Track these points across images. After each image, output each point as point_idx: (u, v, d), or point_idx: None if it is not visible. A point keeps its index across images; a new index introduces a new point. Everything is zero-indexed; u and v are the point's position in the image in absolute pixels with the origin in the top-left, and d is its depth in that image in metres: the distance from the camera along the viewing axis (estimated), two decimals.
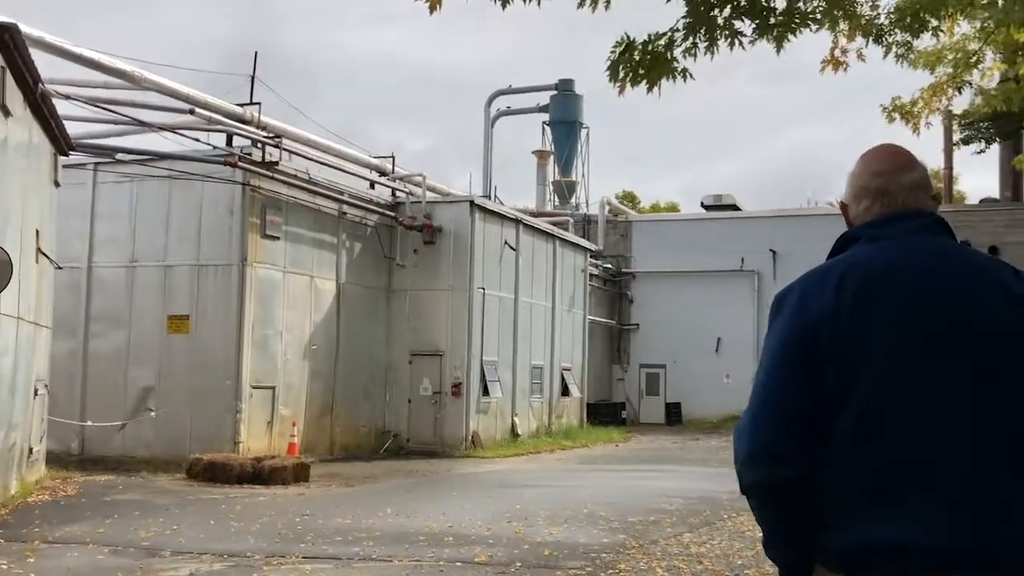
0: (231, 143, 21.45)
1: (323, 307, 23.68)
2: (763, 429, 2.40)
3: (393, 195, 26.93)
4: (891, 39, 7.92)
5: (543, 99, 47.19)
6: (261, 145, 21.39)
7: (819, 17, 6.74)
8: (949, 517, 2.25)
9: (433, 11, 6.94)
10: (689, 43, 6.69)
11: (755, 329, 39.17)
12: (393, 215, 26.13)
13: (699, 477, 19.81)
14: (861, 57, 8.38)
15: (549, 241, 31.57)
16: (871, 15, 7.75)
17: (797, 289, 2.50)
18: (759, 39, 6.72)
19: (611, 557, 10.50)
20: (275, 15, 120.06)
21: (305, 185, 22.77)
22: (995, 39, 8.82)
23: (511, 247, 28.41)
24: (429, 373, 25.80)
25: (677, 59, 6.76)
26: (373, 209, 25.66)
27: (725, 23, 6.61)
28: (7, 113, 13.60)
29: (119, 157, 21.14)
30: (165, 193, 21.25)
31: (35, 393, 16.41)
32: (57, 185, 17.90)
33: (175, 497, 15.54)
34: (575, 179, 48.30)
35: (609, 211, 42.80)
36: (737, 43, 6.66)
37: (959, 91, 9.98)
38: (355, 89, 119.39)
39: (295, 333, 22.51)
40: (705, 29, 6.56)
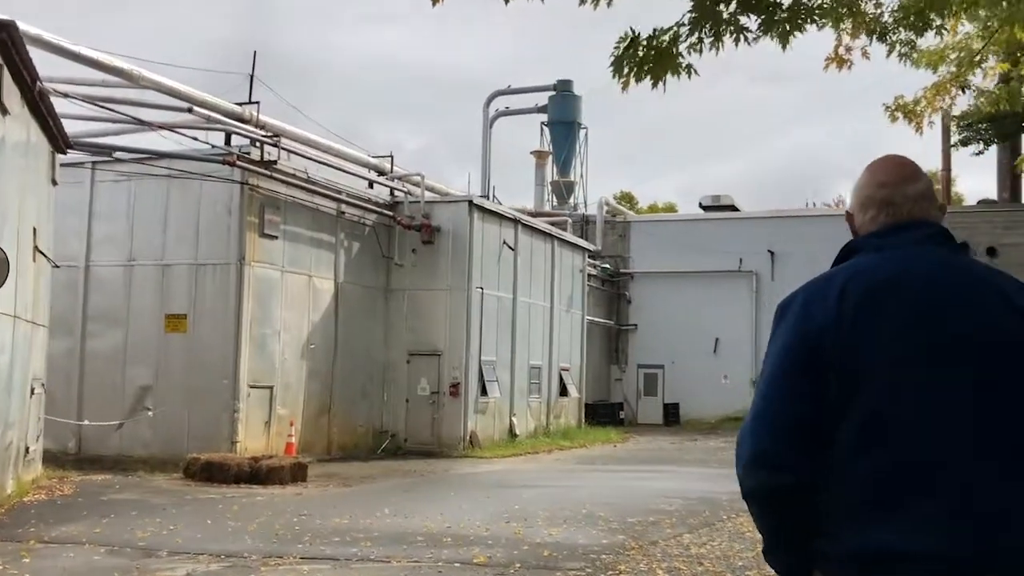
0: (229, 142, 21.41)
1: (321, 306, 23.64)
2: (764, 436, 2.42)
3: (391, 195, 26.91)
4: (895, 37, 7.90)
5: (542, 99, 47.15)
6: (260, 144, 21.36)
7: (826, 8, 6.69)
8: (950, 525, 2.26)
9: (436, 3, 6.89)
10: (694, 38, 6.65)
11: (753, 330, 39.18)
12: (391, 215, 26.10)
13: (698, 478, 19.78)
14: (865, 55, 8.34)
15: (547, 241, 31.54)
16: (875, 12, 7.72)
17: (800, 297, 2.51)
18: (764, 35, 6.68)
19: (611, 558, 10.46)
20: (274, 15, 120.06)
21: (303, 184, 22.73)
22: (999, 38, 8.79)
23: (509, 247, 28.38)
24: (427, 373, 25.76)
25: (682, 55, 6.71)
26: (371, 208, 25.63)
27: (731, 18, 6.57)
28: (4, 111, 13.54)
29: (117, 156, 21.08)
30: (163, 192, 21.21)
31: (32, 392, 16.37)
32: (55, 183, 17.85)
33: (172, 497, 15.49)
34: (573, 179, 48.27)
35: (607, 211, 42.80)
36: (742, 39, 6.62)
37: (962, 90, 9.94)
38: (354, 89, 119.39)
39: (293, 333, 22.46)
40: (711, 24, 6.52)
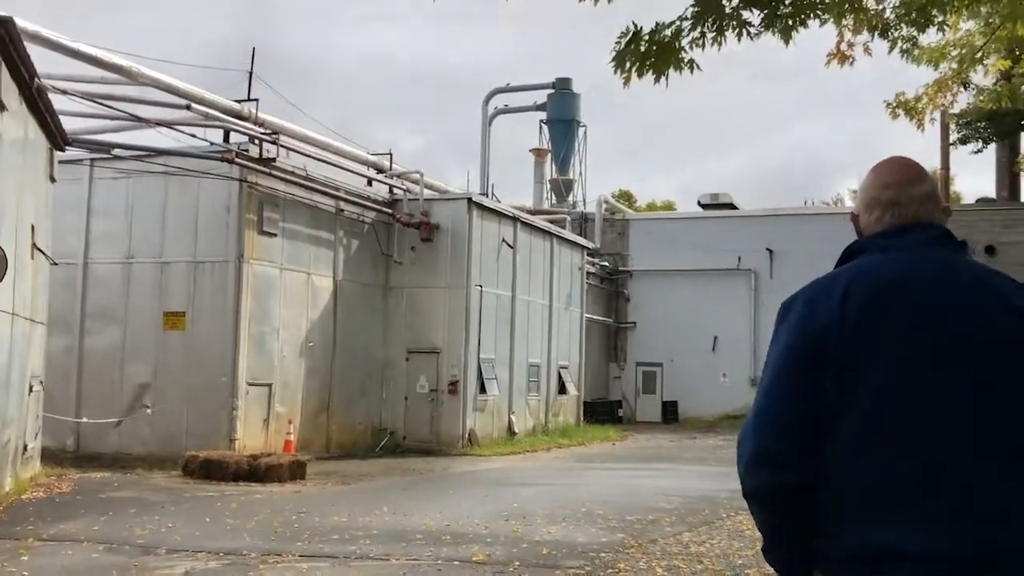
0: (228, 139, 21.39)
1: (320, 304, 23.61)
2: (766, 435, 2.42)
3: (391, 192, 26.89)
4: (896, 34, 7.87)
5: (540, 97, 47.13)
6: (258, 141, 21.32)
7: (828, 3, 6.67)
8: (950, 525, 2.27)
9: None
10: (697, 33, 6.61)
11: (751, 328, 39.18)
12: (391, 212, 26.06)
13: (697, 476, 19.77)
14: (867, 51, 8.31)
15: (546, 239, 31.51)
16: (877, 8, 7.70)
17: (804, 296, 2.52)
18: (766, 31, 6.65)
19: (610, 556, 10.44)
20: (273, 14, 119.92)
21: (302, 182, 22.70)
22: (1000, 35, 8.76)
23: (508, 245, 28.34)
24: (426, 371, 25.74)
25: (684, 49, 6.68)
26: (370, 206, 25.59)
27: (733, 12, 6.54)
28: (2, 108, 13.50)
29: (116, 153, 21.03)
30: (162, 189, 21.18)
31: (30, 389, 16.34)
32: (53, 180, 17.82)
33: (171, 494, 15.46)
34: (572, 177, 48.25)
35: (606, 209, 42.78)
36: (745, 34, 6.59)
37: (964, 87, 9.92)
38: (353, 88, 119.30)
39: (292, 330, 22.43)
40: (713, 18, 6.48)
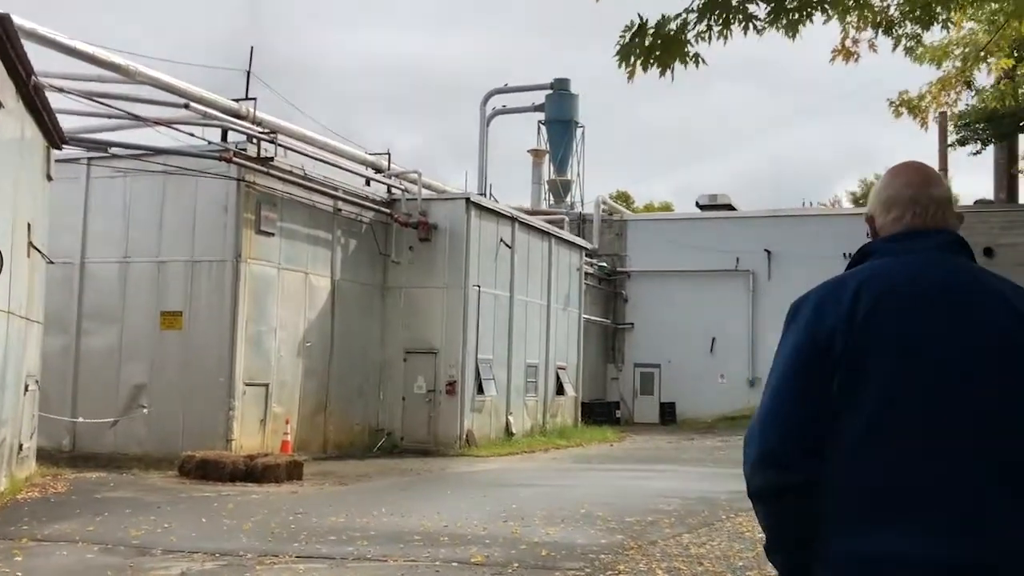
0: (226, 138, 21.30)
1: (318, 304, 23.53)
2: (772, 435, 2.42)
3: (389, 192, 26.83)
4: (901, 31, 7.82)
5: (539, 98, 47.14)
6: (256, 141, 21.25)
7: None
8: (948, 530, 2.26)
9: None
10: (703, 26, 6.55)
11: (749, 329, 39.17)
12: (389, 212, 26.00)
13: (696, 477, 19.72)
14: (873, 48, 8.25)
15: (544, 239, 31.46)
16: (882, 5, 7.64)
17: (813, 297, 2.50)
18: (772, 26, 6.59)
19: (610, 558, 10.37)
20: (272, 14, 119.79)
21: (300, 181, 22.63)
22: (1005, 33, 8.70)
23: (507, 245, 28.29)
24: (424, 371, 25.67)
25: (691, 42, 6.61)
26: (368, 206, 25.53)
27: (740, 5, 6.47)
28: None
29: (113, 152, 20.95)
30: (159, 188, 21.10)
31: (26, 389, 16.26)
32: (50, 179, 17.73)
33: (167, 495, 15.39)
34: (570, 178, 48.24)
35: (604, 210, 42.76)
36: (751, 27, 6.53)
37: (968, 85, 9.87)
38: (351, 88, 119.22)
39: (289, 330, 22.36)
40: (720, 11, 6.42)
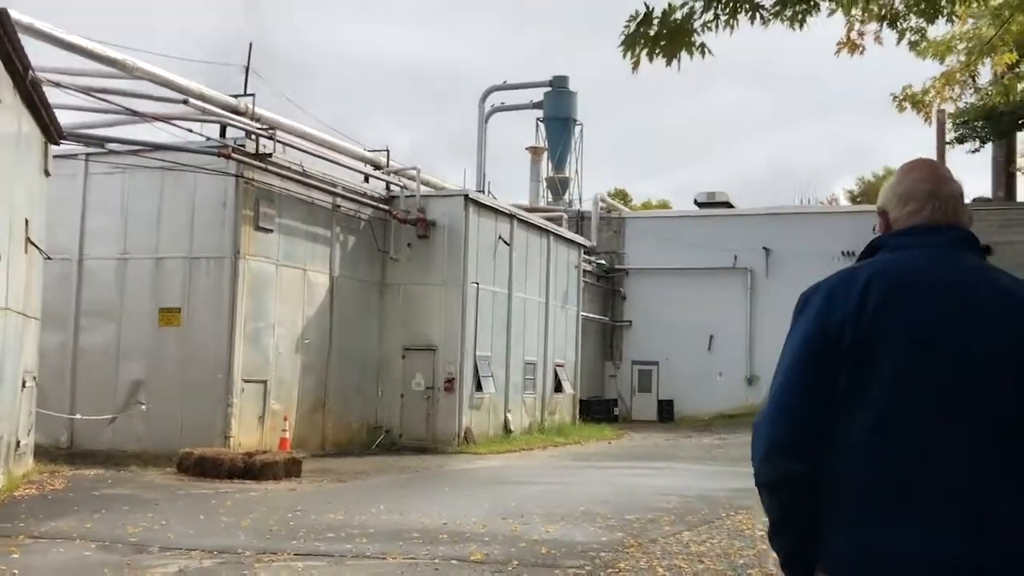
0: (225, 134, 21.25)
1: (316, 301, 23.49)
2: (780, 426, 2.42)
3: (387, 189, 26.78)
4: (905, 24, 7.77)
5: (537, 95, 47.11)
6: (255, 137, 21.20)
7: None
8: (949, 529, 2.28)
9: None
10: (710, 15, 6.48)
11: (747, 327, 39.17)
12: (387, 209, 25.95)
13: (695, 475, 19.69)
14: (878, 40, 8.20)
15: (543, 236, 31.42)
16: None
17: (823, 289, 2.51)
18: (777, 17, 6.52)
19: (610, 556, 10.34)
20: (270, 11, 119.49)
21: (299, 178, 22.58)
22: (1009, 27, 8.66)
23: (505, 242, 28.25)
24: (422, 368, 25.63)
25: (696, 32, 6.54)
26: (367, 202, 25.47)
27: None
28: None
29: (111, 147, 20.87)
30: (157, 184, 21.03)
31: (23, 385, 16.20)
32: (47, 175, 17.66)
33: (165, 492, 15.34)
34: (568, 175, 48.21)
35: (602, 207, 42.72)
36: (758, 18, 6.46)
37: (973, 79, 9.83)
38: (350, 85, 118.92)
39: (287, 327, 22.31)
40: (726, 1, 6.35)
